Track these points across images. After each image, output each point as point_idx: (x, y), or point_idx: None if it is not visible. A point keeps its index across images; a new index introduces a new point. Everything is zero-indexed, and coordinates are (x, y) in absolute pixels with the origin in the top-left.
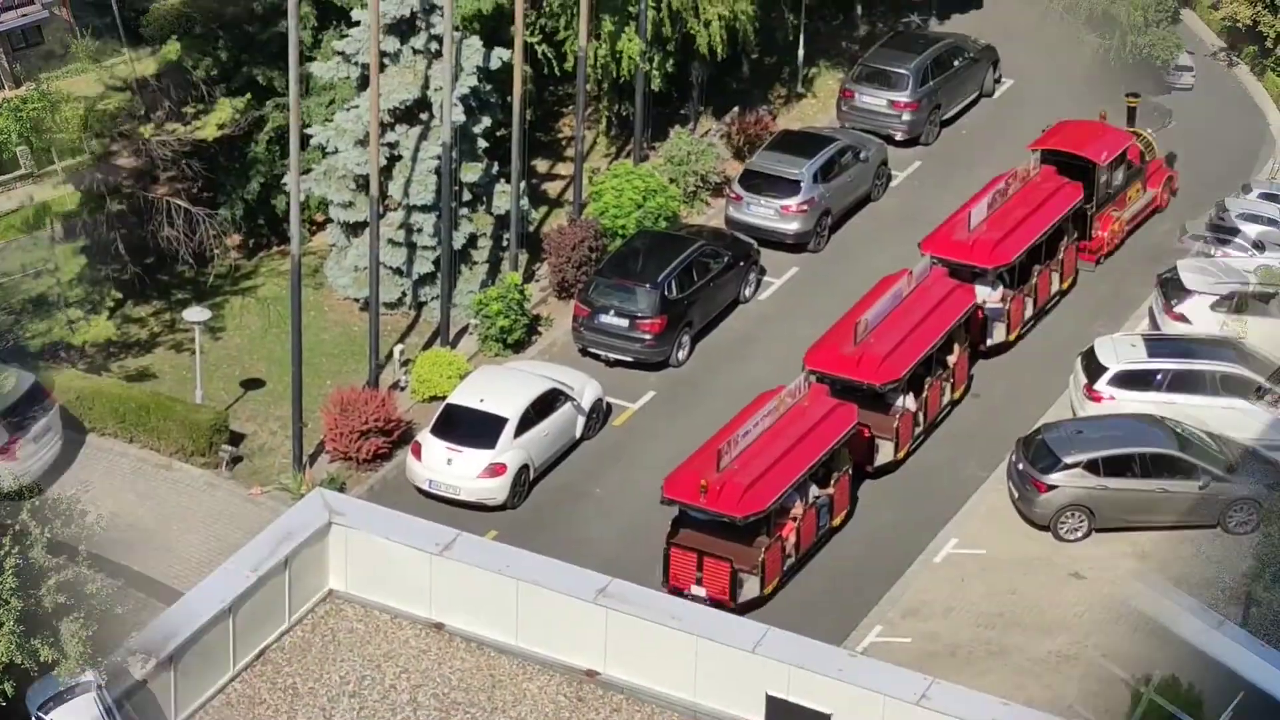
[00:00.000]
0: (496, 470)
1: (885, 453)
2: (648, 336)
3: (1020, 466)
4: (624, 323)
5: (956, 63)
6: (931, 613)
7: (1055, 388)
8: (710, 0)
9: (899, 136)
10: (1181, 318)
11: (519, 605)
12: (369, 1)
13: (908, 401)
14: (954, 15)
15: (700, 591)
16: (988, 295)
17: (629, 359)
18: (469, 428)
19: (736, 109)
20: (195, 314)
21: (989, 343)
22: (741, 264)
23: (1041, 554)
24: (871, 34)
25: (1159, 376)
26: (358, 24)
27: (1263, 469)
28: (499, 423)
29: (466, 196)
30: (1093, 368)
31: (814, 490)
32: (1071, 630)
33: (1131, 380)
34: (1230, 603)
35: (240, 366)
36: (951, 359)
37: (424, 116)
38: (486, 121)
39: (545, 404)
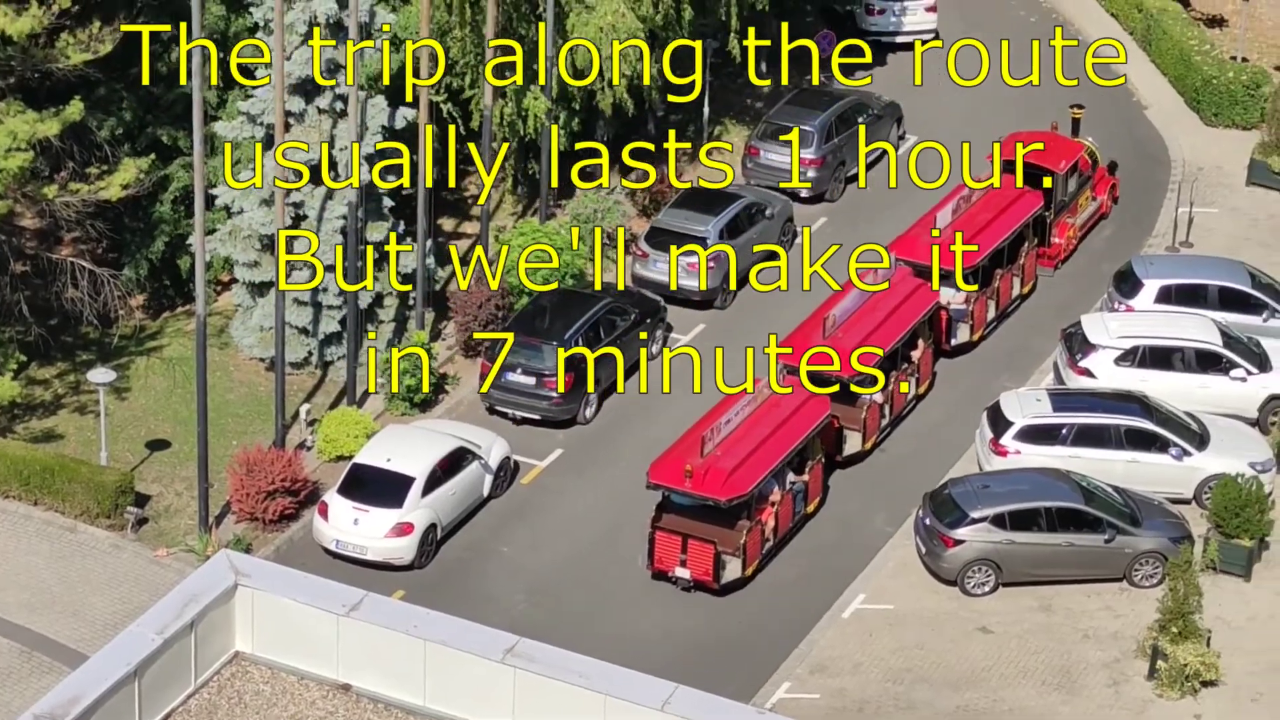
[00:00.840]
0: (404, 530)
1: (853, 443)
2: (554, 394)
3: (927, 521)
4: (531, 381)
5: (860, 119)
6: (840, 669)
7: (961, 442)
8: (615, 60)
9: (804, 194)
10: (1086, 372)
11: (427, 665)
12: (274, 61)
13: (874, 394)
14: (857, 72)
15: (685, 573)
16: (952, 296)
17: (536, 417)
18: (376, 487)
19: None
20: (100, 375)
21: (953, 342)
22: (648, 321)
23: (949, 609)
24: (776, 91)
25: (1064, 431)
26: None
27: (1167, 522)
28: (406, 482)
29: (373, 256)
30: (998, 422)
31: (790, 477)
32: (979, 685)
33: (1037, 435)
34: (1137, 656)
35: (146, 427)
36: (916, 354)
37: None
38: (392, 180)
39: (452, 463)
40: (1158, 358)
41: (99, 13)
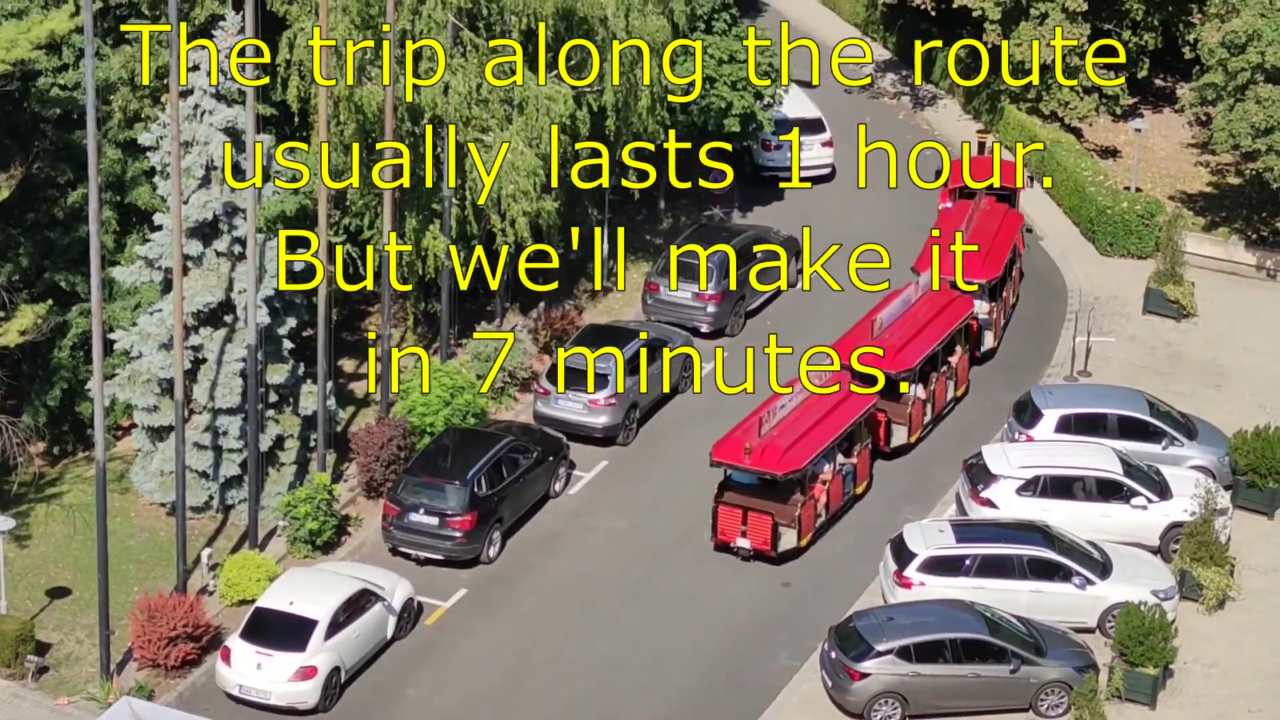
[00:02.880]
0: (307, 673)
1: (899, 436)
2: (458, 534)
3: (833, 655)
4: (434, 520)
5: (759, 254)
6: None
7: (866, 575)
8: (514, 198)
9: (704, 328)
10: (988, 502)
11: None
12: (171, 206)
13: (918, 391)
14: (755, 208)
15: (745, 543)
16: (980, 307)
17: (439, 557)
18: (279, 631)
19: (543, 304)
20: None
21: (982, 349)
22: (551, 459)
23: None
24: (675, 227)
25: (967, 562)
26: (160, 228)
27: (1072, 651)
28: (309, 625)
29: (273, 398)
30: (902, 554)
31: (840, 459)
32: None
33: (940, 566)
34: None
35: (46, 575)
36: (954, 359)
37: (228, 319)
38: (291, 322)
39: (356, 605)
40: (1059, 487)
41: None
